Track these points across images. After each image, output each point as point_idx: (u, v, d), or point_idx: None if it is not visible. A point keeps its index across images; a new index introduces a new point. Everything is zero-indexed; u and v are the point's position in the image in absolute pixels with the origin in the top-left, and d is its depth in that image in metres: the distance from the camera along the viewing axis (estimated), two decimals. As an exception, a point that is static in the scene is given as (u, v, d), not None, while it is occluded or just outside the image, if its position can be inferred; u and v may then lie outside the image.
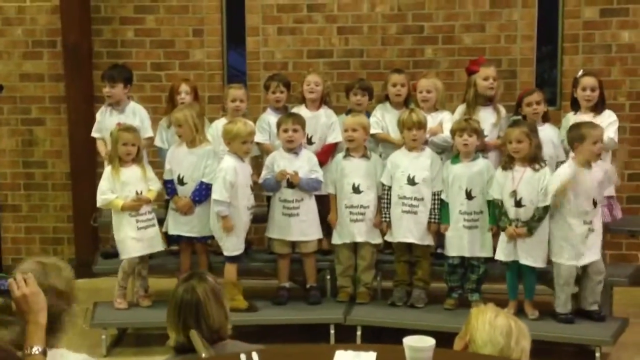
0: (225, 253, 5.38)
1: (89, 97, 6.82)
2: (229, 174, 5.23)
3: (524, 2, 6.55)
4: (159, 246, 5.46)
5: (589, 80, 5.38)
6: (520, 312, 5.15)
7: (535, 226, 5.06)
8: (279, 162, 5.44)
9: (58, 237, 7.09)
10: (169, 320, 2.95)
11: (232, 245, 5.36)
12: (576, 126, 5.07)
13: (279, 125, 5.46)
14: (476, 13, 6.63)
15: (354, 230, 5.46)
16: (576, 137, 4.98)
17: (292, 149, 5.44)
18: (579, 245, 5.00)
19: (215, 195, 5.25)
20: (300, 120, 5.44)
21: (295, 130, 5.39)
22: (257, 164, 5.81)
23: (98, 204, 5.45)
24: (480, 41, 6.63)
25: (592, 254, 5.05)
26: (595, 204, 5.01)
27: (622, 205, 5.93)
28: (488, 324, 2.52)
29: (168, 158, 5.54)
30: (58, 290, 2.46)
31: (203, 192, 5.41)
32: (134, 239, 5.34)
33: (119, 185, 5.34)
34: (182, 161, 5.45)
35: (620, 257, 6.44)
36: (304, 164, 5.44)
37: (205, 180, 5.40)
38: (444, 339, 2.61)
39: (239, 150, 5.29)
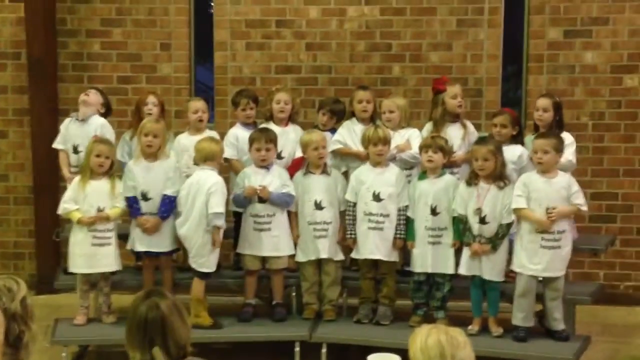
0: (202, 269, 5.27)
1: (53, 110, 6.75)
2: (225, 188, 5.30)
3: (490, 22, 6.64)
4: (112, 266, 5.32)
5: (542, 102, 5.48)
6: (485, 329, 5.19)
7: (499, 243, 5.12)
8: (251, 177, 5.42)
9: (19, 252, 6.97)
10: (130, 339, 2.87)
11: (213, 261, 5.30)
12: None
13: (251, 142, 5.45)
14: (443, 32, 6.70)
15: (319, 246, 5.44)
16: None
17: (265, 166, 5.43)
18: (531, 252, 5.00)
19: (218, 208, 5.19)
20: (272, 137, 5.44)
21: (268, 150, 5.39)
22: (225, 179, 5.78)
23: (58, 211, 5.37)
24: (447, 60, 6.69)
25: (549, 268, 5.01)
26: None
27: (584, 223, 6.00)
28: (420, 350, 2.53)
29: (127, 175, 5.42)
30: (11, 313, 2.38)
31: (167, 207, 5.33)
32: (85, 255, 5.25)
33: (82, 197, 5.26)
34: (144, 176, 5.36)
35: (582, 275, 6.49)
36: (275, 179, 5.43)
37: (168, 193, 5.33)
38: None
39: (217, 166, 5.34)
